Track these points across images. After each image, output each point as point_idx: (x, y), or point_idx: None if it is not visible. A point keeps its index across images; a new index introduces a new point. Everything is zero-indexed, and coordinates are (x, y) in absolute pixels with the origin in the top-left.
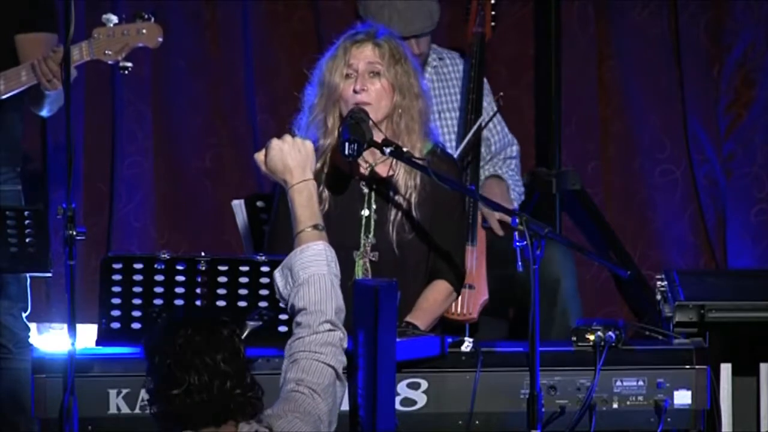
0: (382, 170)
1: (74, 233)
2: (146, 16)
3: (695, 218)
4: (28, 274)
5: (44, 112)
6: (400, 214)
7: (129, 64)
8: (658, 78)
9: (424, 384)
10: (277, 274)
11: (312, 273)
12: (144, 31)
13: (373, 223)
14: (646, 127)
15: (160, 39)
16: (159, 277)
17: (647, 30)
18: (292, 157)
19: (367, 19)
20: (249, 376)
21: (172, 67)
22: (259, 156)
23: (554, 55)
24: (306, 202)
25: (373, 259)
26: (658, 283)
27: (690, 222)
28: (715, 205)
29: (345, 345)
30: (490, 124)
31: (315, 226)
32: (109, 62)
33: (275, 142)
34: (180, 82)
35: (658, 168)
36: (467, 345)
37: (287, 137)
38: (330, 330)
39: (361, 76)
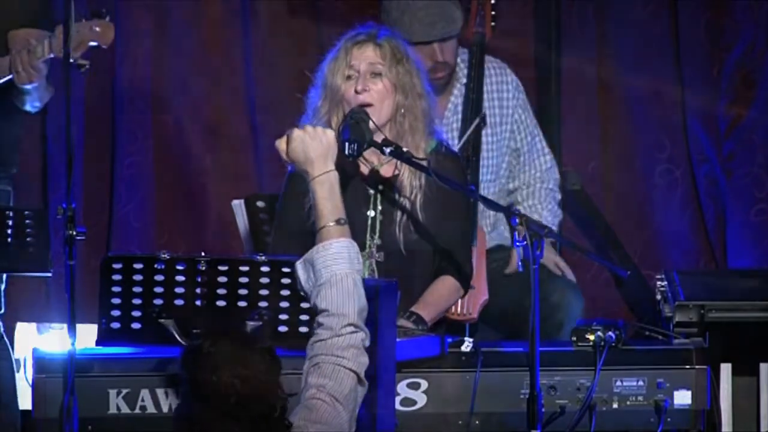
0: (388, 171)
1: (74, 233)
2: (103, 13)
3: (695, 218)
4: (12, 274)
5: (27, 107)
6: (405, 215)
7: (85, 62)
8: (658, 78)
9: (424, 384)
10: (299, 267)
11: (334, 272)
12: (97, 29)
13: (378, 224)
14: (646, 127)
15: (112, 36)
16: (159, 277)
17: (647, 30)
18: (314, 148)
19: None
20: (280, 398)
21: (172, 67)
22: (281, 144)
23: (554, 55)
24: (328, 194)
25: (379, 260)
26: (658, 283)
27: (690, 222)
28: (715, 205)
29: (367, 344)
30: (528, 141)
31: (338, 221)
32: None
33: (296, 132)
34: (180, 82)
35: (658, 168)
36: (467, 345)
37: (308, 127)
38: (352, 332)
39: (362, 76)
